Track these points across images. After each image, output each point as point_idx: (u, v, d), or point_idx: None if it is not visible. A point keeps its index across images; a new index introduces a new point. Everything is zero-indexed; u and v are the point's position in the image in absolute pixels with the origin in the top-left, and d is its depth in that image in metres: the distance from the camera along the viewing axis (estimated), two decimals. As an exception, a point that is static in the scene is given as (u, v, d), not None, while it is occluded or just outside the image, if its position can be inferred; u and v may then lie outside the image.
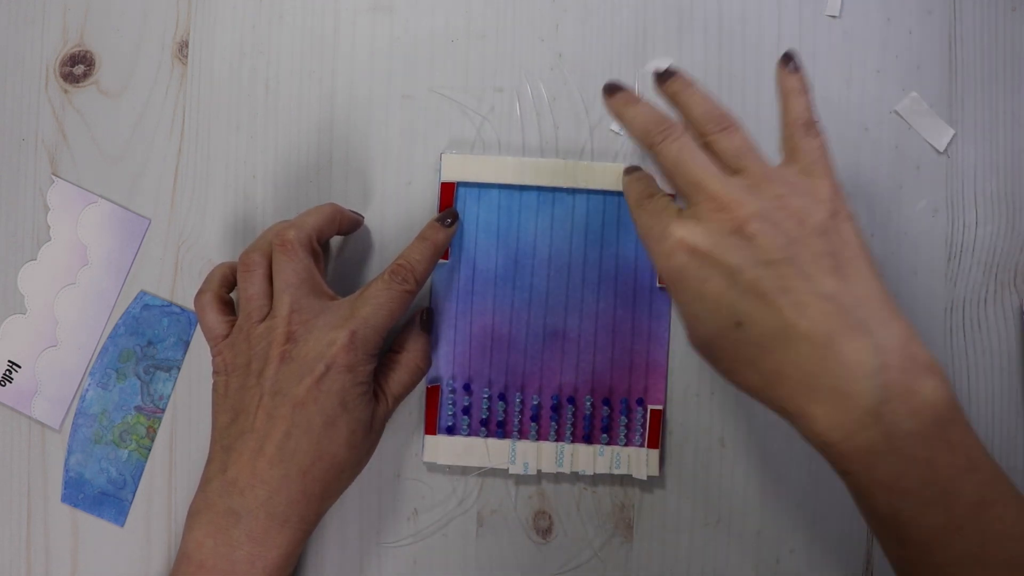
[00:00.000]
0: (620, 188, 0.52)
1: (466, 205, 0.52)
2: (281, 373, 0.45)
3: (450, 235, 0.50)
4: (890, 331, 0.38)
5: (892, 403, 0.37)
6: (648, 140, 0.42)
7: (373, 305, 0.46)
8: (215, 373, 0.47)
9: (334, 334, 0.45)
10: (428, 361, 0.50)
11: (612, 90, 0.45)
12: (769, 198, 0.40)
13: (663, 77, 0.44)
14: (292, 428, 0.44)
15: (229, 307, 0.48)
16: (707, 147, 0.42)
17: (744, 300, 0.39)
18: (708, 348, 0.41)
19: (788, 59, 0.44)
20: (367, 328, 0.46)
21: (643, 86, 0.53)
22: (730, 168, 0.41)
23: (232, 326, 0.47)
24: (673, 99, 0.44)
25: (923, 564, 0.38)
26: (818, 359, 0.37)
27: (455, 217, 0.50)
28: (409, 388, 0.49)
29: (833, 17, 0.53)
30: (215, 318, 0.47)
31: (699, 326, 0.40)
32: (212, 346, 0.47)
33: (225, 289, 0.49)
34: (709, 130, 0.42)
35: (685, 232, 0.40)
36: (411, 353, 0.50)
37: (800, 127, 0.43)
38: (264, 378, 0.45)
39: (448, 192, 0.52)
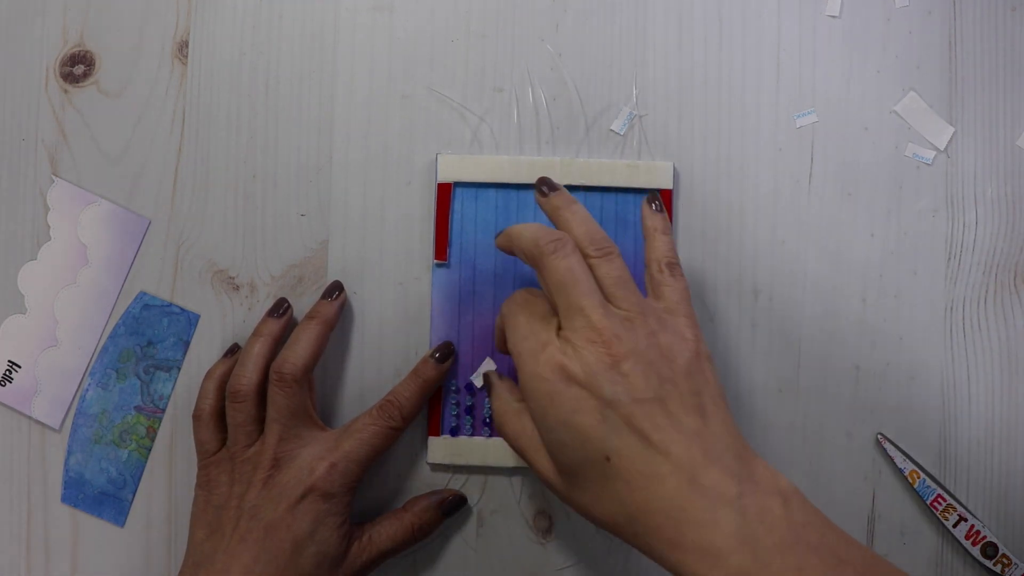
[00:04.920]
0: (617, 184, 0.52)
1: (463, 206, 0.52)
2: (261, 497, 0.46)
3: (443, 371, 0.51)
4: (744, 460, 0.40)
5: (751, 524, 0.38)
6: (537, 250, 0.44)
7: (357, 440, 0.48)
8: (198, 486, 0.49)
9: (315, 463, 0.47)
10: (426, 534, 0.50)
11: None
12: (643, 335, 0.42)
13: (545, 191, 0.47)
14: (261, 553, 0.45)
15: (224, 422, 0.50)
16: None
17: (616, 435, 0.40)
18: (571, 478, 0.42)
19: (652, 200, 0.47)
20: (348, 461, 0.47)
21: (641, 88, 0.53)
22: (606, 293, 0.43)
23: (223, 443, 0.49)
24: (554, 214, 0.46)
25: None
26: (685, 493, 0.38)
27: (449, 353, 0.51)
28: (395, 544, 0.49)
29: (833, 17, 0.53)
30: (209, 435, 0.49)
31: (563, 455, 0.41)
32: (200, 459, 0.49)
33: (221, 401, 0.50)
34: (590, 253, 0.44)
35: (566, 359, 0.41)
36: (415, 516, 0.50)
37: (664, 267, 0.45)
38: (245, 500, 0.47)
39: (444, 193, 0.52)
